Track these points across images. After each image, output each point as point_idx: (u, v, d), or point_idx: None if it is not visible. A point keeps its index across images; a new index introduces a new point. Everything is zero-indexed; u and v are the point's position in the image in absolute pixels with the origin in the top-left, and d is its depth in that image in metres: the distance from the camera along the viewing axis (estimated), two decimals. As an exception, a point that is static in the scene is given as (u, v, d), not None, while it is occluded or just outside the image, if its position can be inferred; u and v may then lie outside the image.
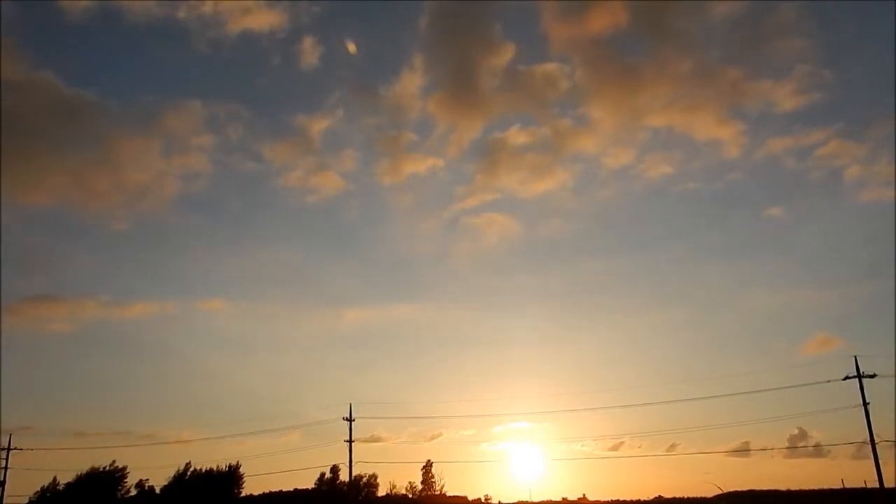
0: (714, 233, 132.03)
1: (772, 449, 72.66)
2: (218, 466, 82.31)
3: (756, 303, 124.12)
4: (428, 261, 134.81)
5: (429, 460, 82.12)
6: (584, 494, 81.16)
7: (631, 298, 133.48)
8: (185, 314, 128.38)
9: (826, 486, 69.47)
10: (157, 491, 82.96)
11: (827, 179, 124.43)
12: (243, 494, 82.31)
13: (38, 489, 79.46)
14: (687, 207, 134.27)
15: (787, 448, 71.58)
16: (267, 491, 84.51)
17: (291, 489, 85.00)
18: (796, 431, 76.50)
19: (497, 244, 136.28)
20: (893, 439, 51.31)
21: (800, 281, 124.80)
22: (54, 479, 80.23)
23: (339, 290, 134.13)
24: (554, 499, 79.01)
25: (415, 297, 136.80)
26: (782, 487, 77.30)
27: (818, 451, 70.55)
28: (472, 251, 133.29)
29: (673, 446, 73.52)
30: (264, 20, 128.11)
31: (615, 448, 78.01)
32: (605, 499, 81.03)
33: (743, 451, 71.13)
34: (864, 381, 50.95)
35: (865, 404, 50.64)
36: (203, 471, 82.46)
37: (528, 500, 76.86)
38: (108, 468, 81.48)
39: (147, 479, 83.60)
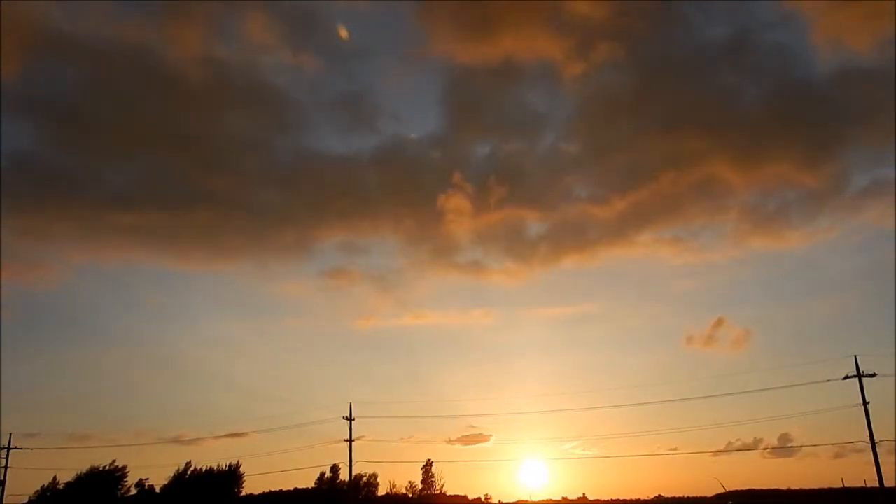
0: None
1: (770, 448, 72.79)
2: (218, 466, 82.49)
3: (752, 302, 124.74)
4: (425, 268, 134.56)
5: (429, 460, 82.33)
6: (583, 494, 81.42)
7: (628, 299, 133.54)
8: (187, 315, 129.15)
9: (826, 486, 69.76)
10: (157, 490, 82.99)
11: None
12: (243, 494, 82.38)
13: (38, 489, 79.69)
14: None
15: (786, 447, 71.66)
16: (267, 490, 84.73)
17: (291, 489, 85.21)
18: (795, 431, 76.61)
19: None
20: (893, 439, 51.57)
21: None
22: (54, 478, 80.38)
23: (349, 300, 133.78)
24: (554, 498, 79.15)
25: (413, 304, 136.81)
26: (782, 487, 77.64)
27: (816, 450, 70.68)
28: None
29: (667, 447, 73.67)
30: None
31: (611, 447, 78.01)
32: (605, 498, 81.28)
33: (741, 450, 71.26)
34: (864, 380, 51.19)
35: (865, 404, 50.77)
36: (203, 470, 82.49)
37: (528, 499, 77.04)
38: (107, 467, 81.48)
39: (147, 479, 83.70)
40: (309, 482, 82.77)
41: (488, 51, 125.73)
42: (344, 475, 76.55)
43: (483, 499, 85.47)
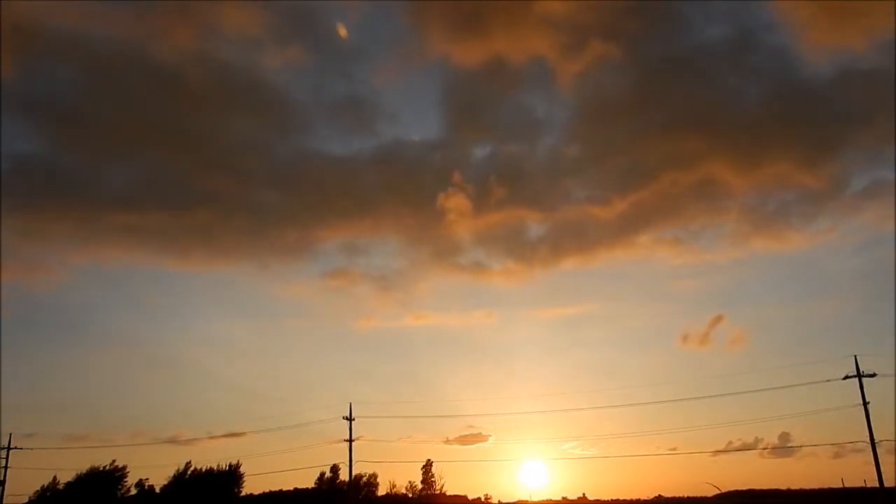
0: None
1: (769, 448, 72.86)
2: (218, 466, 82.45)
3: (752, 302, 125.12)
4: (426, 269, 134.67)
5: (429, 460, 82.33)
6: (583, 494, 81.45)
7: (628, 300, 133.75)
8: (187, 316, 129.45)
9: (826, 486, 69.81)
10: (157, 490, 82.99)
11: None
12: (243, 494, 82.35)
13: (38, 488, 79.67)
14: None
15: (786, 447, 71.75)
16: (267, 490, 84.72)
17: (291, 489, 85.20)
18: (795, 431, 76.68)
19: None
20: (893, 439, 51.59)
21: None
22: (54, 478, 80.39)
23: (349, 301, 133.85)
24: (554, 498, 79.18)
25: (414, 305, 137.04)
26: (782, 487, 77.68)
27: (816, 450, 70.77)
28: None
29: (667, 447, 73.75)
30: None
31: (611, 447, 77.95)
32: (605, 498, 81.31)
33: (741, 450, 71.38)
34: (864, 380, 51.20)
35: (865, 404, 50.78)
36: (203, 470, 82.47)
37: (528, 499, 77.10)
38: (107, 467, 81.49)
39: (147, 479, 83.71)
40: (309, 482, 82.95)
41: (488, 52, 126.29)
42: (344, 475, 76.71)
43: (483, 499, 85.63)
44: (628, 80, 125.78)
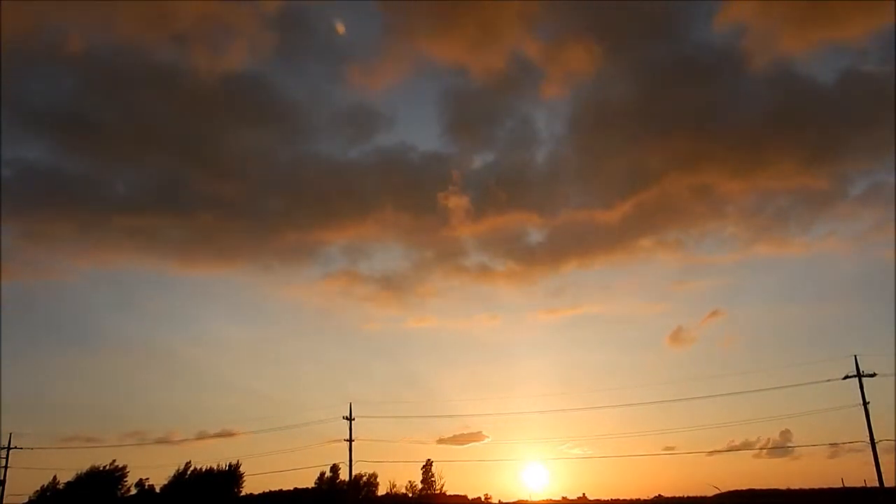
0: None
1: (770, 448, 72.88)
2: (218, 466, 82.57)
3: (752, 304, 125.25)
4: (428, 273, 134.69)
5: (429, 459, 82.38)
6: (583, 494, 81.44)
7: (629, 302, 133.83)
8: (190, 318, 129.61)
9: (826, 486, 69.79)
10: (157, 490, 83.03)
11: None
12: (243, 494, 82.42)
13: (38, 488, 79.77)
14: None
15: (786, 447, 71.77)
16: (267, 490, 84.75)
17: (291, 489, 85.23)
18: (795, 431, 76.61)
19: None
20: (893, 439, 51.59)
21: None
22: (54, 478, 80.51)
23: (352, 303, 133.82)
24: (554, 498, 79.20)
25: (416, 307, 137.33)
26: (782, 487, 77.65)
27: (816, 450, 70.81)
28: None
29: (666, 447, 73.70)
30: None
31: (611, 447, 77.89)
32: (605, 498, 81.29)
33: (740, 450, 71.44)
34: (864, 380, 51.19)
35: (865, 404, 50.78)
36: (203, 470, 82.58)
37: (528, 499, 77.13)
38: (107, 467, 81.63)
39: (147, 479, 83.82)
40: (309, 482, 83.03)
41: (489, 58, 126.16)
42: (344, 475, 76.74)
43: (483, 499, 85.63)
44: (628, 83, 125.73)
